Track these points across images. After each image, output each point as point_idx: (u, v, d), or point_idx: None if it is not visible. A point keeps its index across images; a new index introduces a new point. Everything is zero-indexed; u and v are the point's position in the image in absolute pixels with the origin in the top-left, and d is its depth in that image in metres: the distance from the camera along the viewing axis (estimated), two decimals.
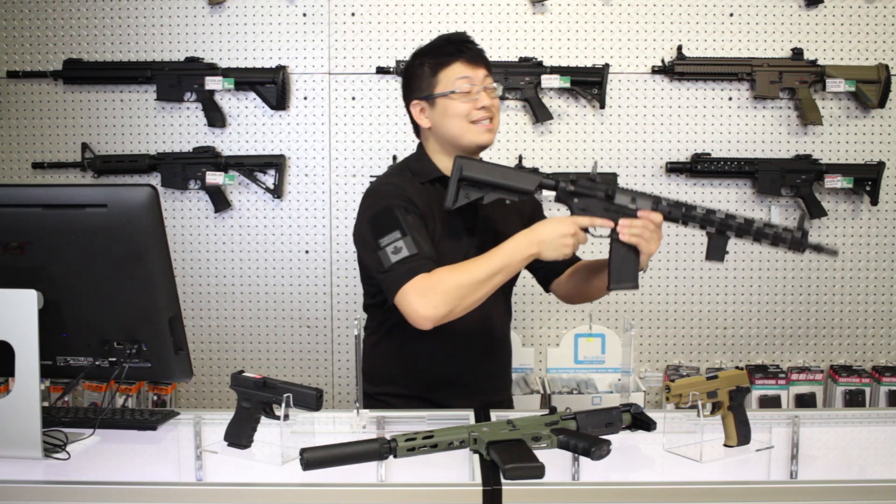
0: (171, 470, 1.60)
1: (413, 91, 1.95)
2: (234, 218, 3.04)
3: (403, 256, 1.72)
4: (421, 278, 1.70)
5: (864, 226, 3.03)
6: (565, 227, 1.74)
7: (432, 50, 1.93)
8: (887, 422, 1.90)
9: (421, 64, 1.92)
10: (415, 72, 1.94)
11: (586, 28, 2.98)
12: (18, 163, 3.03)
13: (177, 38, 2.98)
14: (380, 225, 1.79)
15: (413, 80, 1.94)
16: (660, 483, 1.47)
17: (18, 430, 1.49)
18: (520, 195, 1.79)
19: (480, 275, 1.72)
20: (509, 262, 1.74)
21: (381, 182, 1.96)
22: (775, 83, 2.93)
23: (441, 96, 1.88)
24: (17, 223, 1.53)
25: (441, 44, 1.94)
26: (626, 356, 1.80)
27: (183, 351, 1.62)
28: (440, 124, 1.90)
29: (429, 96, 1.90)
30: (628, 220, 1.75)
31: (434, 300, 1.69)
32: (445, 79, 1.89)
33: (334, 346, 3.08)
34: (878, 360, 3.07)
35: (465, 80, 1.87)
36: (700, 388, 1.56)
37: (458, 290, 1.70)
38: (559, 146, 3.00)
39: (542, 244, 1.74)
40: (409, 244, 1.74)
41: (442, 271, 1.72)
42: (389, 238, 1.75)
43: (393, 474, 1.46)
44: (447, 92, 1.88)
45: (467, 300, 1.72)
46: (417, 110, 1.94)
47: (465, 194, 1.79)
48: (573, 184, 1.78)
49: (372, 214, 1.83)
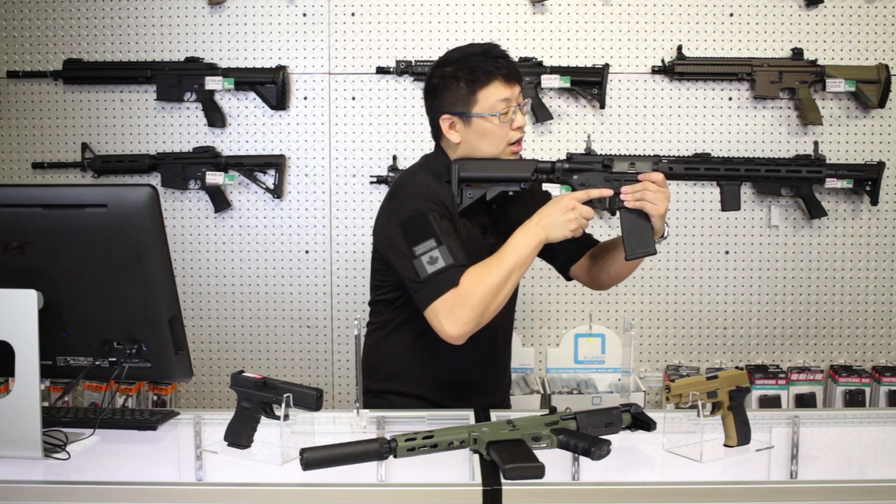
0: (171, 470, 1.60)
1: (444, 105, 1.86)
2: (234, 218, 3.04)
3: (440, 268, 1.71)
4: (451, 294, 1.70)
5: (864, 226, 3.03)
6: (563, 203, 1.75)
7: (468, 63, 1.84)
8: (887, 422, 1.90)
9: (456, 78, 1.83)
10: (447, 84, 1.84)
11: (586, 28, 2.98)
12: (18, 163, 3.03)
13: (177, 38, 2.98)
14: (414, 231, 1.76)
15: (445, 94, 1.85)
16: (660, 483, 1.47)
17: (18, 430, 1.49)
18: (519, 183, 1.81)
19: (500, 277, 1.72)
20: (520, 254, 1.74)
21: (410, 180, 1.91)
22: (775, 83, 2.93)
23: (478, 117, 1.83)
24: (17, 223, 1.53)
25: (478, 58, 1.84)
26: (626, 356, 1.81)
27: (183, 351, 1.62)
28: (474, 143, 1.85)
29: (464, 114, 1.84)
30: (630, 185, 1.75)
31: (464, 316, 1.69)
32: (485, 99, 1.82)
33: (334, 346, 3.08)
34: (878, 360, 3.06)
35: (504, 103, 1.82)
36: (700, 388, 1.56)
37: (484, 300, 1.70)
38: (559, 146, 3.00)
39: (546, 226, 1.75)
40: (444, 254, 1.72)
41: (467, 281, 1.71)
42: (425, 247, 1.73)
43: (393, 474, 1.46)
44: (486, 114, 1.82)
45: (492, 306, 1.73)
46: (447, 125, 1.86)
47: (468, 194, 1.80)
48: (568, 161, 1.79)
49: (405, 218, 1.78)
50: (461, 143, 1.86)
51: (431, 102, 1.90)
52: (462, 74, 1.83)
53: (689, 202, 3.02)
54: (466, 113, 1.83)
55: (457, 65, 1.84)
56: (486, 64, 1.83)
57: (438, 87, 1.86)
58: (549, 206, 1.78)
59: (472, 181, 1.79)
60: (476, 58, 1.84)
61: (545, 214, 1.76)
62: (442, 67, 1.87)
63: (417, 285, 1.74)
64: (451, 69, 1.85)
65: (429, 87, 1.90)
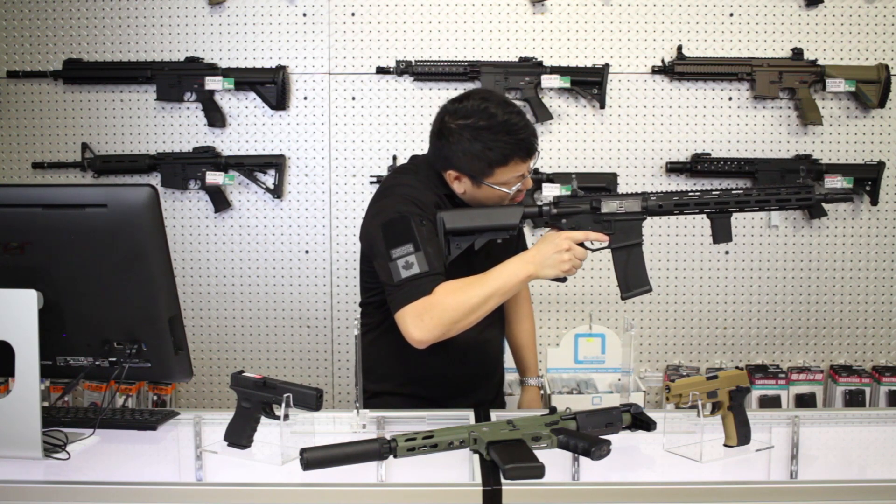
0: (171, 470, 1.60)
1: (455, 163, 1.82)
2: (234, 218, 3.04)
3: (413, 274, 1.71)
4: (422, 301, 1.70)
5: (864, 226, 3.03)
6: (559, 242, 1.73)
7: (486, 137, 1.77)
8: (887, 422, 1.90)
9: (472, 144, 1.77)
10: (462, 145, 1.79)
11: (586, 28, 2.98)
12: (18, 163, 3.03)
13: (177, 38, 2.98)
14: (394, 234, 1.75)
15: (458, 154, 1.80)
16: (660, 483, 1.47)
17: (18, 430, 1.49)
18: (508, 231, 1.80)
19: (476, 299, 1.71)
20: (505, 284, 1.74)
21: (398, 181, 1.90)
22: (775, 83, 2.93)
23: (490, 186, 1.81)
24: (17, 223, 1.53)
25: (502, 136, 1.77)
26: (626, 356, 1.81)
27: (183, 351, 1.62)
28: (476, 197, 1.85)
29: (476, 179, 1.81)
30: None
31: (430, 324, 1.69)
32: (500, 174, 1.80)
33: (334, 346, 3.08)
34: (878, 360, 3.06)
35: (518, 179, 1.83)
36: (700, 388, 1.56)
37: (454, 314, 1.70)
38: (559, 146, 3.00)
39: (539, 264, 1.74)
40: (420, 260, 1.72)
41: (441, 292, 1.71)
42: (402, 251, 1.73)
43: (393, 474, 1.46)
44: (499, 188, 1.81)
45: (461, 323, 1.72)
46: (452, 177, 1.84)
47: (455, 245, 1.78)
48: (556, 206, 1.77)
49: (386, 220, 1.78)
50: (465, 193, 1.86)
51: (440, 148, 1.84)
52: (478, 148, 1.78)
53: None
54: (478, 179, 1.81)
55: (476, 132, 1.78)
56: (509, 145, 1.78)
57: (452, 141, 1.81)
58: (545, 242, 1.76)
59: (460, 233, 1.77)
60: (500, 135, 1.77)
61: (539, 252, 1.75)
62: (459, 119, 1.81)
63: (391, 288, 1.74)
64: (469, 133, 1.78)
65: (441, 131, 1.83)
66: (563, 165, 3.00)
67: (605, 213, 1.76)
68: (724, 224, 1.75)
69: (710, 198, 1.73)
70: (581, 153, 3.01)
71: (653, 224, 2.98)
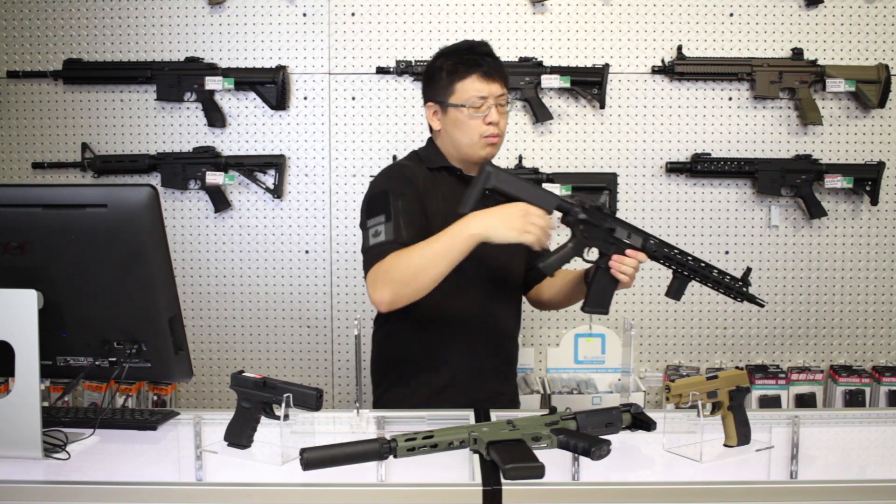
0: (171, 470, 1.60)
1: (429, 93, 1.99)
2: (234, 218, 3.04)
3: (379, 241, 1.81)
4: (378, 266, 1.79)
5: (864, 226, 3.03)
6: (516, 207, 1.75)
7: (453, 55, 1.95)
8: (887, 422, 1.91)
9: (440, 68, 1.95)
10: (434, 74, 1.97)
11: (586, 28, 2.98)
12: (18, 163, 3.03)
13: (177, 38, 2.98)
14: (372, 206, 1.88)
15: (431, 83, 1.98)
16: (660, 483, 1.47)
17: (18, 430, 1.49)
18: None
19: (420, 260, 1.75)
20: (448, 244, 1.74)
21: (392, 165, 2.06)
22: (775, 83, 2.93)
23: (453, 107, 1.92)
24: (17, 223, 1.53)
25: (462, 51, 1.95)
26: (626, 356, 1.81)
27: (183, 351, 1.62)
28: (451, 133, 1.95)
29: (442, 103, 1.94)
30: (620, 257, 1.81)
31: (382, 288, 1.77)
32: (461, 90, 1.91)
33: (334, 346, 3.08)
34: (878, 360, 3.06)
35: (479, 98, 1.90)
36: (700, 388, 1.56)
37: (402, 277, 1.75)
38: (559, 146, 3.00)
39: (486, 224, 1.73)
40: (387, 230, 1.82)
41: (391, 258, 1.78)
42: (375, 221, 1.84)
43: (393, 474, 1.46)
44: (459, 105, 1.91)
45: (411, 286, 1.76)
46: (431, 112, 1.99)
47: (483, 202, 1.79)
48: (585, 212, 1.81)
49: (370, 194, 1.92)
50: (441, 130, 1.98)
51: (423, 90, 2.02)
52: (446, 66, 1.94)
53: (689, 202, 3.02)
54: (444, 102, 1.93)
55: (445, 57, 1.96)
56: (468, 57, 1.93)
57: (427, 76, 1.99)
58: (499, 207, 1.77)
59: (497, 193, 1.79)
60: (461, 52, 1.95)
61: (489, 212, 1.75)
62: (434, 59, 1.99)
63: (363, 255, 1.86)
64: (440, 60, 1.96)
65: (423, 78, 2.02)
66: (563, 165, 3.00)
67: (617, 237, 1.82)
68: (682, 286, 1.91)
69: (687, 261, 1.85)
70: (581, 153, 3.01)
71: (653, 224, 2.99)
